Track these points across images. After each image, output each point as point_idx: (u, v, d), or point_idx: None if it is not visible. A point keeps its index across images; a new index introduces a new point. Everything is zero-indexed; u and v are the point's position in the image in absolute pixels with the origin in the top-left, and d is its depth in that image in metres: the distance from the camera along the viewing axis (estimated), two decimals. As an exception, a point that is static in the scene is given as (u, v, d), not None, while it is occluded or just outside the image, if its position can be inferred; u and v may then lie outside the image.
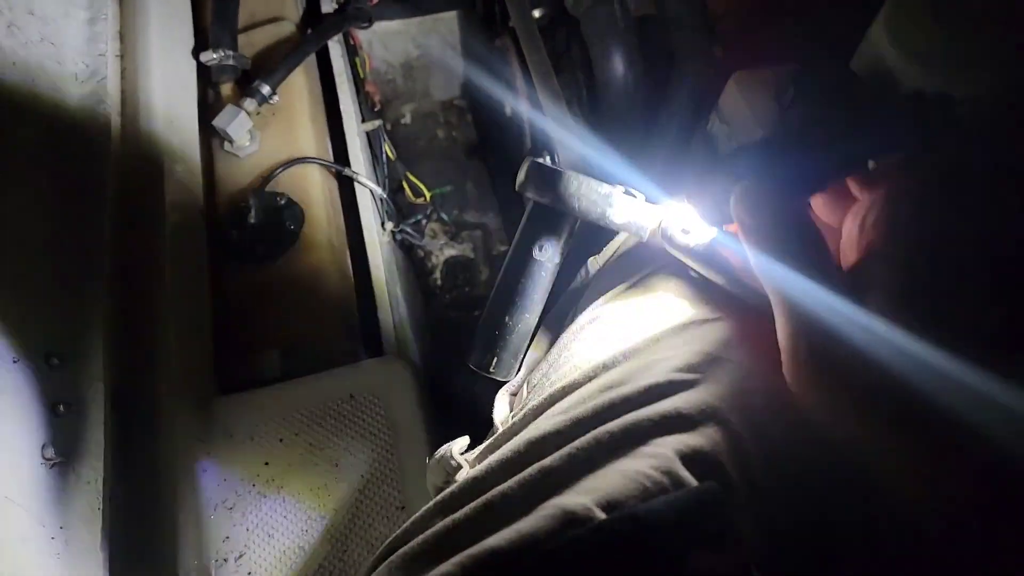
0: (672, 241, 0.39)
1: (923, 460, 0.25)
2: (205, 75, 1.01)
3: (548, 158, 0.95)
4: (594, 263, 0.57)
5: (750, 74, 0.72)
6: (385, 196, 1.01)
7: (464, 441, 0.52)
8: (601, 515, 0.30)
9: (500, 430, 0.50)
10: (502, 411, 0.53)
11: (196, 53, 0.98)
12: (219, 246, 0.91)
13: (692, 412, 0.36)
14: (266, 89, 0.95)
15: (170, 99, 0.91)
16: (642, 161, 0.91)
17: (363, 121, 1.11)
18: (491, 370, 0.44)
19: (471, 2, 1.36)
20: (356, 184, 0.99)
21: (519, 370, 0.48)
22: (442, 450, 0.51)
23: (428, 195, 1.25)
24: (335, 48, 1.09)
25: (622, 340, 0.44)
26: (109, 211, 0.76)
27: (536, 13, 1.09)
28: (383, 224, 1.03)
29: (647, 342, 0.42)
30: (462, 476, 0.46)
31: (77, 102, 0.80)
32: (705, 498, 0.32)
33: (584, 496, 0.32)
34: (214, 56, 0.97)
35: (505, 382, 0.51)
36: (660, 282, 0.46)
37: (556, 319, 0.59)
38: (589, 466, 0.35)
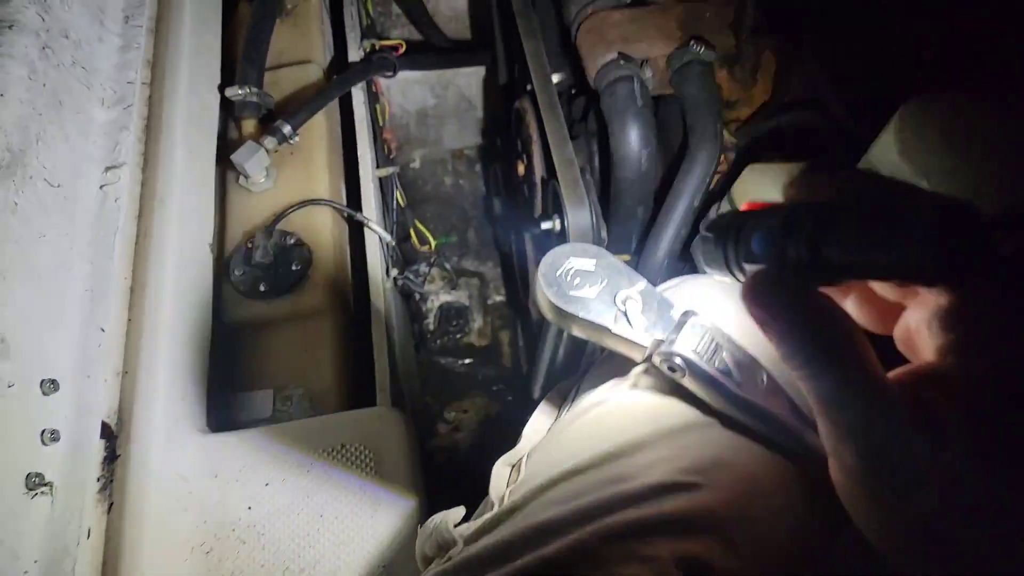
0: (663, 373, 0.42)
1: None
2: (228, 109, 1.02)
3: (558, 222, 0.96)
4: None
5: (765, 165, 0.74)
6: (393, 243, 1.02)
7: (459, 513, 0.52)
8: None
9: (496, 505, 0.50)
10: (499, 485, 0.53)
11: (222, 87, 1.00)
12: (224, 280, 0.91)
13: (694, 517, 0.36)
14: (287, 129, 0.96)
15: (192, 130, 0.92)
16: (650, 238, 0.93)
17: (378, 167, 1.12)
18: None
19: (493, 61, 1.40)
20: (366, 229, 0.99)
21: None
22: (437, 520, 0.50)
23: (433, 243, 1.25)
24: (358, 94, 1.11)
25: (627, 429, 0.44)
26: (119, 236, 0.76)
27: (555, 78, 1.12)
28: (387, 271, 1.04)
29: (653, 436, 0.43)
30: (457, 552, 0.45)
31: (101, 126, 0.81)
32: None
33: None
34: (239, 92, 0.99)
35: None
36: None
37: (559, 393, 0.60)
38: (589, 560, 0.35)
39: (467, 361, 1.75)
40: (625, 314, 0.43)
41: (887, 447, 0.22)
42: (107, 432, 0.72)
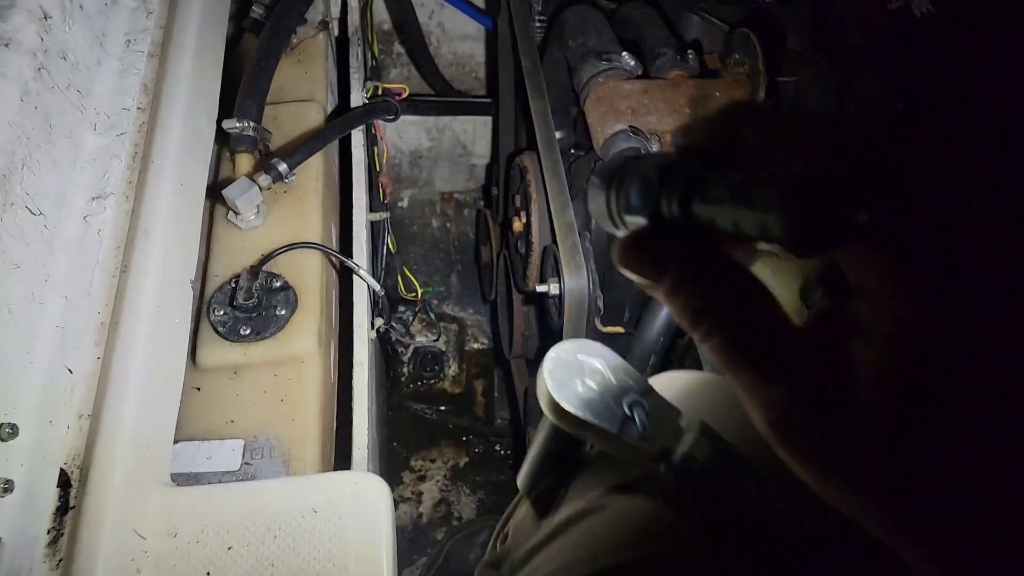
0: None
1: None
2: (222, 142, 1.00)
3: (555, 286, 0.95)
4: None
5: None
6: (382, 293, 0.99)
7: None
8: None
9: None
10: None
11: (219, 119, 0.97)
12: (203, 318, 0.87)
13: None
14: (283, 167, 0.94)
15: (184, 161, 0.88)
16: (646, 312, 0.91)
17: (371, 210, 1.10)
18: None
19: (495, 112, 1.39)
20: (355, 276, 0.96)
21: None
22: None
23: (420, 291, 1.23)
24: (357, 136, 1.09)
25: (626, 545, 0.43)
26: (98, 271, 0.72)
27: (559, 135, 1.12)
28: (372, 321, 1.01)
29: (654, 554, 0.41)
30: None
31: (91, 153, 0.78)
32: None
33: None
34: (237, 125, 0.96)
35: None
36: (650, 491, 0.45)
37: (549, 491, 0.57)
38: None
39: (439, 408, 1.71)
40: (632, 419, 0.41)
41: (786, 408, 0.21)
42: (64, 480, 0.67)
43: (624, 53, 0.97)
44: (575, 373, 0.42)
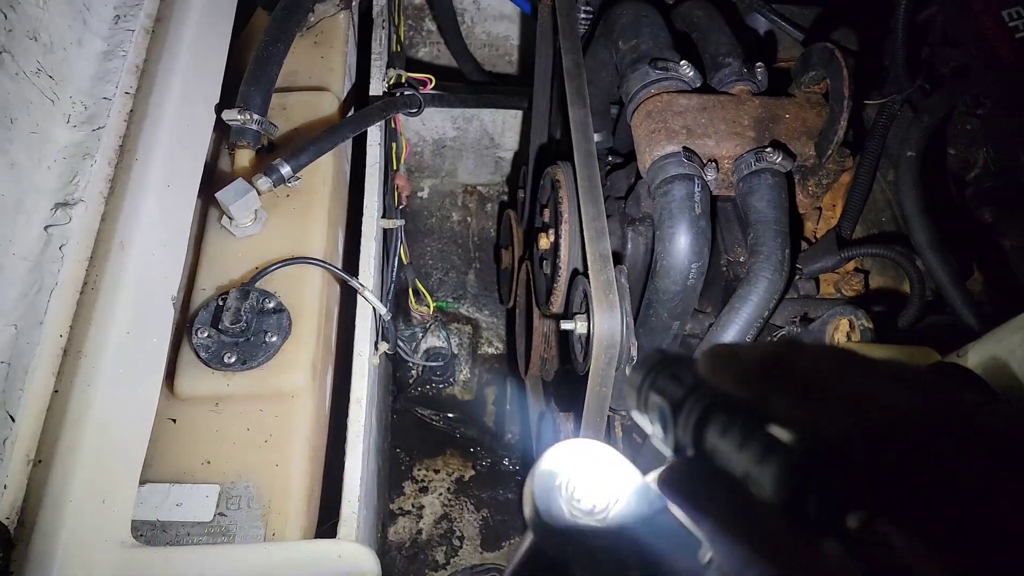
0: None
1: None
2: (221, 131, 0.89)
3: (582, 325, 0.83)
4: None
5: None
6: (388, 317, 0.89)
7: None
8: None
9: None
10: None
11: (219, 109, 0.86)
12: (184, 339, 0.77)
13: None
14: (287, 170, 0.83)
15: (174, 157, 0.78)
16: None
17: (383, 216, 0.99)
18: None
19: (528, 107, 1.26)
20: (359, 297, 0.86)
21: None
22: None
23: (432, 306, 1.12)
24: (374, 133, 0.98)
25: None
26: (57, 293, 0.62)
27: (596, 138, 0.99)
28: (376, 344, 0.90)
29: None
30: None
31: (61, 150, 0.67)
32: None
33: None
34: (238, 117, 0.85)
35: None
36: None
37: None
38: None
39: (447, 415, 1.62)
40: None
41: None
42: (3, 537, 0.58)
43: (683, 62, 0.84)
44: (574, 490, 0.34)
